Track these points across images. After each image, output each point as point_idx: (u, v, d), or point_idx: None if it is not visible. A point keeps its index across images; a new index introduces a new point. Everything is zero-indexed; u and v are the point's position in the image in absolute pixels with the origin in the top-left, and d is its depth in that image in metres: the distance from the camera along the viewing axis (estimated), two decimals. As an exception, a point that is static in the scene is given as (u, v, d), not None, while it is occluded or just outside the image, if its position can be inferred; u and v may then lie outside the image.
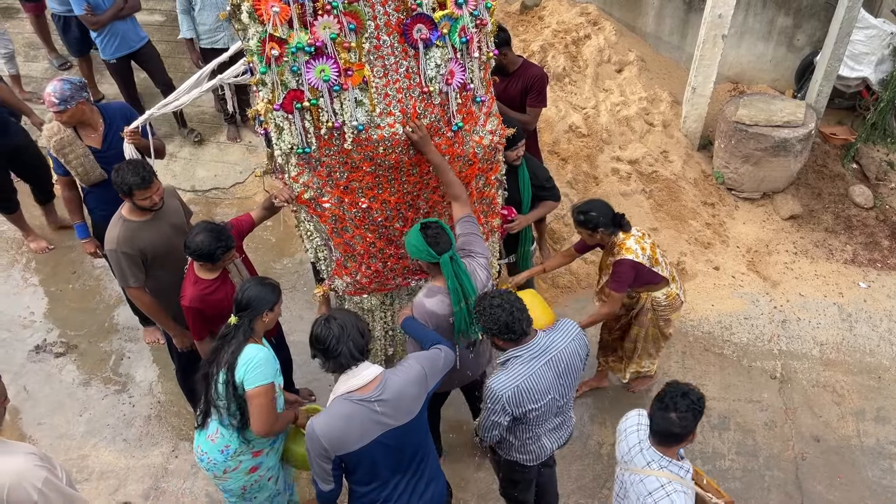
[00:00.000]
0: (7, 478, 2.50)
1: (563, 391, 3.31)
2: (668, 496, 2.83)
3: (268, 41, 3.07)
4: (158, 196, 3.78)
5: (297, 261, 5.90)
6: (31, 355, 5.24)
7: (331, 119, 3.29)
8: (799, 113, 5.99)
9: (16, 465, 2.54)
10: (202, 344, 3.87)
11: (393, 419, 2.90)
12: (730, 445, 4.68)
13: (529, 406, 3.18)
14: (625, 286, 4.10)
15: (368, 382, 2.88)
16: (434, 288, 3.43)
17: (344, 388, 2.89)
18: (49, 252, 5.94)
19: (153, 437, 4.75)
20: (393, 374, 2.96)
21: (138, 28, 6.15)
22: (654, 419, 2.90)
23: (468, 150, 3.69)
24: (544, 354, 3.20)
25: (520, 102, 4.97)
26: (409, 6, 3.17)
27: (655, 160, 6.33)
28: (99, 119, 4.39)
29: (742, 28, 6.77)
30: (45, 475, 2.59)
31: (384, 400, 2.88)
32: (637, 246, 4.04)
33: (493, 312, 3.09)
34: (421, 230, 3.31)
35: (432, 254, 3.29)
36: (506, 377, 3.15)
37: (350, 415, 2.85)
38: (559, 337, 3.28)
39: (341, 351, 2.84)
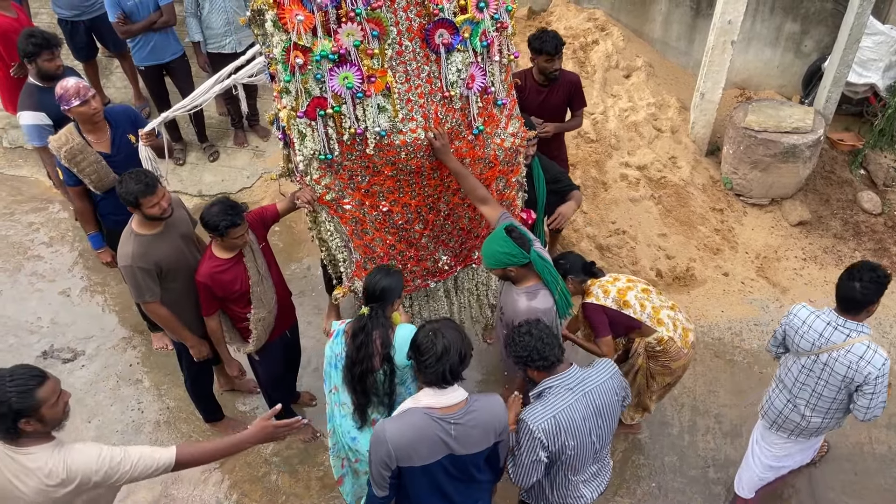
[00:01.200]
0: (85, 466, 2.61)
1: (600, 433, 3.14)
2: (876, 352, 3.42)
3: (292, 49, 3.06)
4: (167, 202, 3.71)
5: (305, 266, 5.89)
6: (38, 361, 5.20)
7: (353, 125, 3.29)
8: (808, 119, 5.99)
9: (74, 460, 2.61)
10: (210, 320, 3.89)
11: (460, 446, 2.84)
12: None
13: (568, 441, 3.03)
14: (605, 329, 3.93)
15: (455, 404, 2.82)
16: (529, 288, 3.36)
17: (427, 402, 2.82)
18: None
19: (162, 443, 4.72)
20: (477, 401, 2.88)
21: (174, 41, 6.10)
22: (840, 288, 3.44)
23: (489, 153, 3.69)
24: (579, 387, 3.05)
25: (563, 109, 4.99)
26: (431, 11, 3.17)
27: (664, 166, 6.32)
28: (106, 124, 4.38)
29: (750, 34, 6.77)
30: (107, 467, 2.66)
31: (461, 424, 2.81)
32: (599, 290, 3.95)
33: (523, 340, 3.00)
34: (507, 234, 3.25)
35: (525, 255, 3.25)
36: (541, 408, 3.01)
37: (424, 429, 2.79)
38: (594, 373, 3.14)
39: (436, 370, 2.76)
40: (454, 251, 4.04)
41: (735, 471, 4.53)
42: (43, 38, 4.61)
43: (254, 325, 3.84)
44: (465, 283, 4.32)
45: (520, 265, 3.30)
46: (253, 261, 3.75)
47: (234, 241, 3.61)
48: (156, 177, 3.73)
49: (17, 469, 2.57)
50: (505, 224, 3.35)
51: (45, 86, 4.75)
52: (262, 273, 3.80)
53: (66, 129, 4.29)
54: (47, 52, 4.64)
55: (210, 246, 3.75)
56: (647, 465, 4.58)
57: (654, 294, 4.07)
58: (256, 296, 3.76)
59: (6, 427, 2.51)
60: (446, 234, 3.94)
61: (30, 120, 4.54)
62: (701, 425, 4.80)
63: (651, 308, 3.98)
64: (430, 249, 3.94)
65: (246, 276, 3.71)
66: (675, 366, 4.11)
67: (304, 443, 4.66)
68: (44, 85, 4.77)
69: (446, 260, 4.01)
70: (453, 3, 3.19)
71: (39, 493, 2.57)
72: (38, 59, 4.64)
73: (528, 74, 4.94)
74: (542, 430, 2.97)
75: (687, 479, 4.52)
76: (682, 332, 4.05)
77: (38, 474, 2.56)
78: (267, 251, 3.94)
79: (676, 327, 4.03)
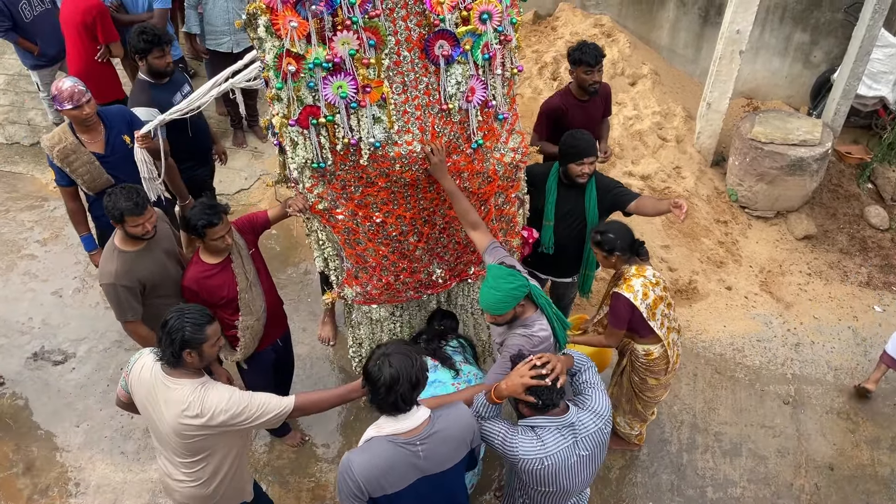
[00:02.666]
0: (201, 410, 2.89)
1: (587, 475, 3.01)
2: None
3: (285, 56, 2.97)
4: (151, 224, 3.62)
5: (302, 271, 5.80)
6: (28, 363, 5.13)
7: (347, 135, 3.20)
8: (815, 131, 5.90)
9: (211, 400, 2.90)
10: None
11: (432, 465, 2.76)
12: (741, 472, 4.57)
13: (543, 488, 2.93)
14: (623, 323, 3.83)
15: (417, 426, 2.73)
16: (525, 321, 3.25)
17: (390, 430, 2.72)
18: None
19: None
20: (441, 416, 2.79)
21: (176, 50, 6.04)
22: None
23: (488, 168, 3.60)
24: (571, 434, 2.91)
25: (599, 120, 4.91)
26: (432, 21, 3.07)
27: (668, 176, 6.23)
28: (99, 124, 4.30)
29: (758, 43, 6.67)
30: (233, 410, 2.91)
31: (428, 443, 2.72)
32: (641, 289, 3.75)
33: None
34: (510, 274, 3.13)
35: (530, 285, 3.17)
36: (536, 447, 2.86)
37: (392, 458, 2.71)
38: (588, 417, 2.97)
39: (388, 400, 2.65)
40: (449, 265, 3.94)
41: (733, 490, 4.45)
42: (154, 35, 4.53)
43: (241, 333, 3.76)
44: (458, 299, 4.22)
45: (525, 296, 3.19)
46: (241, 267, 3.67)
47: (214, 243, 3.52)
48: (147, 199, 3.62)
49: (167, 396, 2.91)
50: (494, 263, 3.25)
51: (156, 82, 4.71)
52: (251, 279, 3.72)
53: (59, 129, 4.24)
54: (157, 50, 4.55)
55: (197, 251, 3.68)
56: (643, 483, 4.49)
57: (673, 311, 3.99)
58: (245, 302, 3.68)
59: (172, 353, 2.85)
60: (441, 247, 3.85)
61: (142, 116, 4.44)
62: (700, 443, 4.71)
63: (667, 328, 3.90)
64: (425, 262, 3.85)
65: (234, 282, 3.63)
66: (654, 382, 4.06)
67: (294, 449, 4.59)
68: (154, 81, 4.71)
69: (440, 273, 3.91)
70: (455, 13, 3.09)
71: (175, 423, 2.90)
72: (149, 56, 4.56)
73: (566, 93, 4.79)
74: (529, 471, 2.87)
75: (684, 498, 4.43)
76: (674, 357, 4.01)
77: (179, 406, 2.89)
78: (257, 257, 3.86)
79: (672, 350, 3.97)
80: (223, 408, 2.89)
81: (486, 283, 3.16)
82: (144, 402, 3.01)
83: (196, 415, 2.88)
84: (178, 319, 2.86)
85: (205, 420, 2.89)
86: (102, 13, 5.56)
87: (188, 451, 3.01)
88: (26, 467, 4.53)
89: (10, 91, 7.35)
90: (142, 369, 3.01)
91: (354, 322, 4.15)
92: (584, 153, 4.00)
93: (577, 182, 4.09)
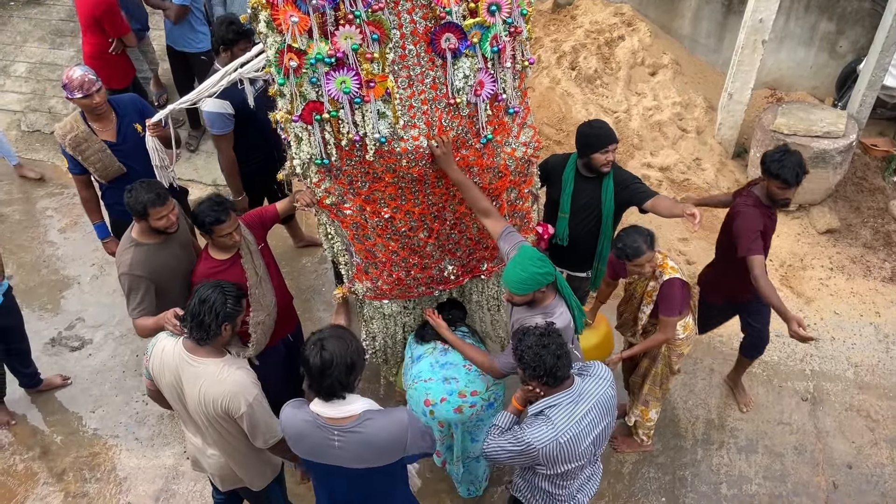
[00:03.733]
0: (229, 386, 2.97)
1: (599, 440, 3.04)
2: None
3: (286, 52, 2.93)
4: (175, 216, 3.63)
5: (317, 260, 5.80)
6: (46, 348, 5.20)
7: (352, 131, 3.16)
8: (840, 123, 5.77)
9: (238, 377, 3.01)
10: None
11: (349, 459, 2.77)
12: (757, 469, 4.51)
13: (563, 467, 2.93)
14: (683, 306, 3.81)
15: (342, 417, 2.73)
16: (546, 308, 3.23)
17: (314, 408, 2.76)
18: None
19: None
20: (373, 421, 2.76)
21: (192, 36, 6.05)
22: None
23: (499, 162, 3.53)
24: (581, 403, 2.93)
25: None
26: (438, 14, 3.00)
27: (688, 168, 6.14)
28: (111, 112, 4.32)
29: (782, 33, 6.53)
30: (256, 392, 3.03)
31: (344, 437, 2.73)
32: (674, 263, 3.85)
33: (539, 354, 2.81)
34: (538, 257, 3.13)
35: (556, 274, 3.16)
36: (547, 430, 2.86)
37: (306, 430, 2.78)
38: (593, 383, 3.01)
39: (322, 384, 2.68)
40: (461, 261, 3.90)
41: (748, 487, 4.39)
42: (242, 27, 4.38)
43: (252, 329, 3.75)
44: (472, 295, 4.18)
45: (549, 284, 3.18)
46: (251, 262, 3.65)
47: (222, 240, 3.51)
48: (167, 191, 3.62)
49: (190, 375, 3.00)
50: (525, 245, 3.22)
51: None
52: (261, 275, 3.70)
53: (71, 117, 4.27)
54: (245, 42, 4.40)
55: (206, 247, 3.67)
56: (657, 478, 4.45)
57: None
58: (255, 298, 3.67)
59: (212, 326, 2.93)
60: (453, 243, 3.80)
61: (213, 108, 4.33)
62: (715, 439, 4.65)
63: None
64: (436, 258, 3.81)
65: (244, 277, 3.61)
66: (687, 349, 4.14)
67: None
68: None
69: (452, 270, 3.87)
70: (462, 5, 3.02)
71: (194, 403, 3.03)
72: (236, 47, 4.39)
73: (749, 193, 4.14)
74: (543, 455, 2.87)
75: (698, 494, 4.39)
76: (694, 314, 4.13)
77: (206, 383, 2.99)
78: (266, 252, 3.84)
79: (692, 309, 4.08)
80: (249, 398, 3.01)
81: (514, 259, 3.16)
82: (170, 383, 3.08)
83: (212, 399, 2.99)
84: (219, 293, 2.96)
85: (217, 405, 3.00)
86: (110, 9, 5.55)
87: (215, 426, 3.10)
88: (42, 451, 4.59)
89: (31, 79, 7.43)
90: (163, 352, 3.08)
91: (367, 316, 4.14)
92: (606, 141, 3.94)
93: (600, 171, 4.02)
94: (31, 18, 8.01)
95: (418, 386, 3.74)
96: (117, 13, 5.63)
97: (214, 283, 3.02)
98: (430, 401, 3.67)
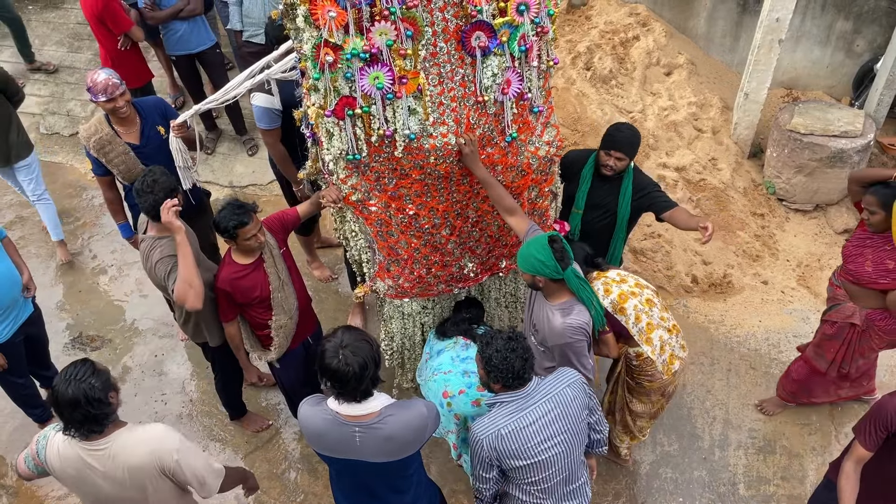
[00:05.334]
0: (150, 445, 2.73)
1: (560, 446, 2.93)
2: None
3: (322, 46, 2.97)
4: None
5: (332, 260, 5.83)
6: (66, 349, 5.24)
7: (382, 127, 3.20)
8: (857, 123, 5.74)
9: (153, 432, 2.78)
10: (229, 326, 3.81)
11: (369, 454, 2.78)
12: (775, 470, 4.49)
13: (517, 462, 2.88)
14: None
15: (363, 415, 2.73)
16: (563, 304, 3.24)
17: (335, 407, 2.74)
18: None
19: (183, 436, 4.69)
20: (393, 416, 2.76)
21: (205, 31, 6.09)
22: None
23: (522, 161, 3.57)
24: (530, 399, 2.90)
25: None
26: (469, 13, 3.05)
27: (703, 168, 6.12)
28: (135, 115, 4.36)
29: (798, 32, 6.51)
30: (178, 439, 2.80)
31: (366, 433, 2.73)
32: (601, 287, 3.68)
33: (507, 357, 2.83)
34: (549, 244, 3.12)
35: (559, 269, 3.13)
36: (488, 421, 2.89)
37: (329, 428, 2.77)
38: (551, 381, 2.97)
39: (360, 388, 2.68)
40: (481, 259, 3.93)
41: (766, 488, 4.38)
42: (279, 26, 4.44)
43: (275, 333, 3.77)
44: (491, 293, 4.21)
45: (550, 279, 3.18)
46: (273, 266, 3.66)
47: (247, 243, 3.51)
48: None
49: (103, 460, 2.73)
50: (550, 233, 3.22)
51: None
52: (283, 279, 3.72)
53: (95, 119, 4.30)
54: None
55: (228, 252, 3.67)
56: (674, 478, 4.44)
57: (658, 309, 3.77)
58: (277, 302, 3.69)
59: (100, 408, 2.63)
60: (473, 241, 3.83)
61: (261, 102, 4.30)
62: (733, 440, 4.64)
63: (646, 324, 3.72)
64: (456, 255, 3.84)
65: (266, 281, 3.63)
66: (650, 387, 3.87)
67: (255, 433, 4.69)
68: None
69: (472, 267, 3.90)
70: (492, 5, 3.07)
71: (121, 486, 2.77)
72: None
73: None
74: (487, 445, 2.88)
75: (716, 495, 4.37)
76: (667, 358, 3.77)
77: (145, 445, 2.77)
78: (287, 256, 3.85)
79: (664, 351, 3.75)
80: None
81: (532, 239, 3.22)
82: (74, 477, 2.77)
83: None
84: (76, 384, 2.59)
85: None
86: (107, 5, 5.58)
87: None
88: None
89: (50, 82, 7.49)
90: (58, 449, 2.74)
91: (386, 316, 4.16)
92: (615, 145, 3.95)
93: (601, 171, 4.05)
94: (50, 22, 8.08)
95: (437, 378, 3.78)
96: (116, 9, 5.65)
97: (64, 378, 2.61)
98: (448, 392, 3.71)
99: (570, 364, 3.29)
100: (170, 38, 6.01)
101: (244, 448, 4.63)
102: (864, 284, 3.92)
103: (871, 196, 3.75)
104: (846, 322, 4.08)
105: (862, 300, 3.99)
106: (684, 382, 4.92)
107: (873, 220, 3.77)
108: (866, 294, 3.94)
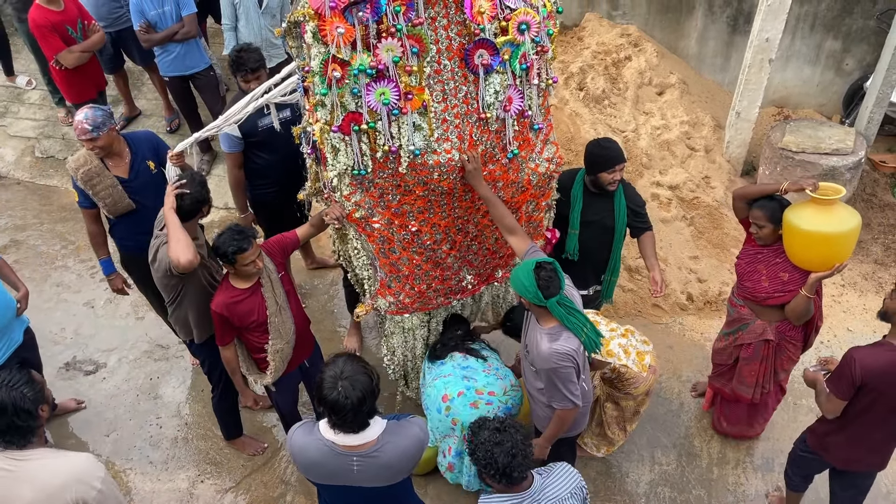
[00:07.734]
0: (71, 475, 2.59)
1: None
2: None
3: (330, 62, 3.01)
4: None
5: (329, 282, 5.83)
6: (60, 372, 5.20)
7: (388, 143, 3.22)
8: (848, 140, 5.80)
9: (77, 461, 2.65)
10: (225, 350, 3.78)
11: (365, 480, 2.74)
12: (773, 488, 4.47)
13: None
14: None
15: (361, 444, 2.69)
16: (552, 329, 3.20)
17: (332, 437, 2.69)
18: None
19: (179, 460, 4.67)
20: (390, 443, 2.73)
21: (200, 53, 6.10)
22: None
23: (523, 178, 3.62)
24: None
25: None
26: (472, 31, 3.11)
27: (697, 186, 6.16)
28: (125, 148, 4.29)
29: (788, 51, 6.59)
30: (103, 471, 2.68)
31: (364, 461, 2.70)
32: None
33: (490, 452, 2.76)
34: (534, 271, 3.09)
35: (540, 297, 3.09)
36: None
37: (324, 458, 2.72)
38: (555, 484, 2.90)
39: (357, 421, 2.65)
40: (478, 270, 3.99)
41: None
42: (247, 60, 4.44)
43: (271, 357, 3.75)
44: (484, 298, 4.28)
45: (533, 304, 3.17)
46: (271, 290, 3.64)
47: (246, 269, 3.49)
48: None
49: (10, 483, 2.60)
50: (539, 259, 3.20)
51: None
52: (281, 303, 3.69)
53: (84, 151, 4.19)
54: (242, 74, 4.47)
55: (226, 276, 3.65)
56: (672, 497, 4.42)
57: (603, 326, 3.91)
58: (274, 326, 3.67)
59: (27, 419, 2.59)
60: (472, 254, 3.88)
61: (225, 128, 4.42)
62: (731, 458, 4.62)
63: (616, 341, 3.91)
64: (455, 269, 3.88)
65: (264, 306, 3.62)
66: (638, 392, 4.01)
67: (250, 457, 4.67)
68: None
69: (470, 279, 3.96)
70: (494, 24, 3.13)
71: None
72: (237, 75, 4.53)
73: None
74: None
75: (716, 513, 4.35)
76: (636, 357, 3.92)
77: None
78: (286, 280, 3.82)
79: (629, 353, 3.90)
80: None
81: (524, 262, 3.22)
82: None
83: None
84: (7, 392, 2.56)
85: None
86: (37, 31, 5.70)
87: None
88: (58, 476, 4.58)
89: (45, 106, 7.50)
90: None
91: (388, 332, 4.17)
92: (614, 161, 3.99)
93: (606, 190, 4.07)
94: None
95: (437, 383, 3.86)
96: (43, 35, 5.70)
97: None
98: (447, 395, 3.78)
99: (556, 389, 3.26)
100: (163, 60, 6.02)
101: (240, 472, 4.59)
102: (762, 302, 4.00)
103: (757, 210, 3.84)
104: (760, 340, 4.11)
105: (766, 315, 4.07)
106: (681, 402, 4.92)
107: (762, 233, 3.86)
108: (769, 310, 4.03)
